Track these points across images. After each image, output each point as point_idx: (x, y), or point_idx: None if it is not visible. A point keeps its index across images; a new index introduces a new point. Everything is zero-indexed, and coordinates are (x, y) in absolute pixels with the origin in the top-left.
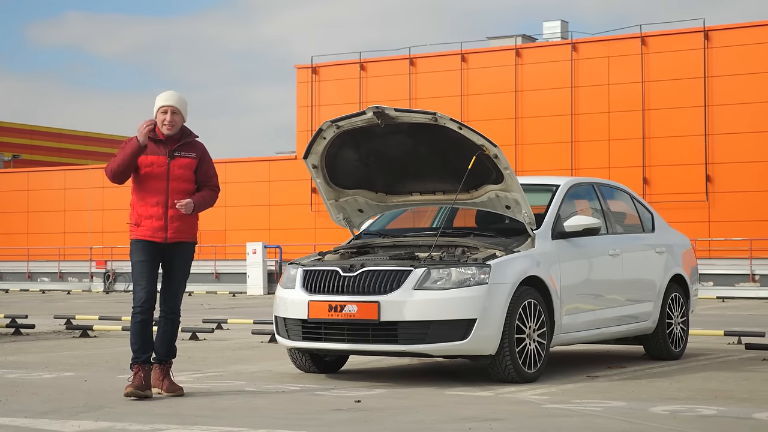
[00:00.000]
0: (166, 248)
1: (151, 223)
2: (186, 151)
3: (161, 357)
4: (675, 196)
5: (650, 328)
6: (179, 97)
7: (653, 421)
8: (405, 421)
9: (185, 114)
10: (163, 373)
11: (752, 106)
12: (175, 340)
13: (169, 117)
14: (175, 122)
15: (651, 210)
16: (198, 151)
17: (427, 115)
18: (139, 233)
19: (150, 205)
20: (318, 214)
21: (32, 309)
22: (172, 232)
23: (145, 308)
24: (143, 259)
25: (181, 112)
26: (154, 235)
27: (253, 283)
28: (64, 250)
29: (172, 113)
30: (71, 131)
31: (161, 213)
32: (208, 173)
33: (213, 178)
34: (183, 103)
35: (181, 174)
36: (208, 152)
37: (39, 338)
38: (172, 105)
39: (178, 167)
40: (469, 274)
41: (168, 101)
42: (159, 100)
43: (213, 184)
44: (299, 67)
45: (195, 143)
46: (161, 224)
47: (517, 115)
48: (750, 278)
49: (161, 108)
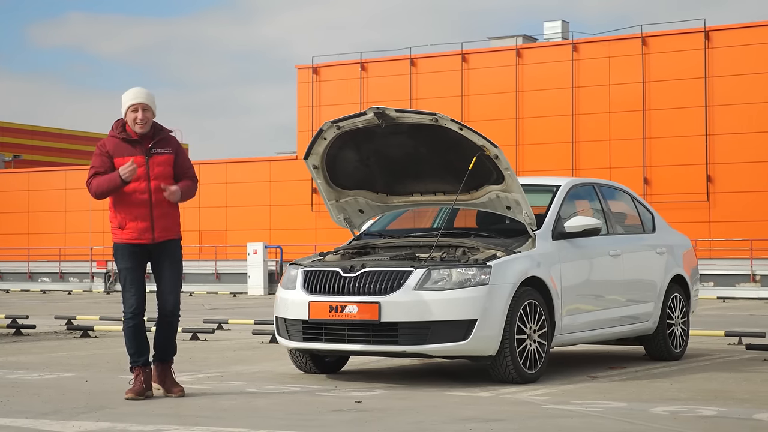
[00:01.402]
0: (153, 249)
1: (136, 224)
2: (162, 147)
3: (161, 356)
4: (675, 197)
5: (651, 328)
6: (147, 92)
7: (654, 421)
8: (405, 422)
9: (155, 109)
10: (164, 371)
11: (753, 106)
12: (175, 338)
13: (140, 114)
14: (147, 119)
15: (651, 210)
16: (173, 146)
17: (427, 116)
18: (125, 236)
19: (134, 206)
20: (319, 214)
21: (33, 309)
22: (159, 231)
23: (137, 314)
24: (130, 266)
25: (151, 107)
26: (141, 237)
27: (253, 283)
28: (64, 251)
29: (143, 110)
30: (72, 131)
31: (146, 213)
32: (184, 165)
33: (190, 170)
34: (152, 98)
35: (161, 171)
36: (180, 144)
37: (40, 339)
38: (142, 102)
39: (158, 165)
40: (470, 274)
41: (137, 98)
42: (127, 98)
43: (191, 175)
44: (300, 67)
45: (169, 138)
46: (147, 225)
47: (518, 115)
48: (751, 278)
49: (131, 106)
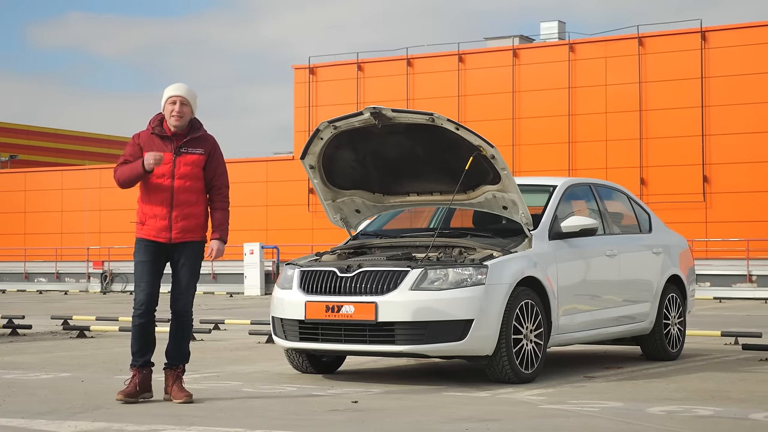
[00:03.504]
0: (171, 248)
1: (155, 222)
2: (193, 146)
3: (171, 361)
4: (672, 197)
5: (647, 328)
6: (188, 88)
7: (650, 421)
8: (402, 422)
9: (194, 107)
10: (172, 378)
11: (749, 106)
12: (188, 343)
13: (177, 108)
14: (183, 113)
15: (648, 210)
16: (207, 146)
17: (424, 116)
18: (144, 232)
19: (155, 203)
20: (315, 214)
21: (29, 309)
22: (176, 232)
23: (144, 311)
24: (145, 260)
25: (190, 103)
26: (159, 235)
27: (250, 283)
28: (61, 251)
29: (181, 104)
30: (68, 132)
31: (165, 212)
32: (217, 170)
33: (222, 177)
34: (192, 95)
35: (187, 172)
36: (219, 147)
37: (36, 339)
38: (181, 95)
39: (184, 164)
40: (466, 274)
41: (177, 92)
42: (167, 91)
43: (221, 185)
44: (296, 67)
45: (204, 138)
46: (165, 224)
47: (515, 115)
48: (747, 279)
49: (170, 99)
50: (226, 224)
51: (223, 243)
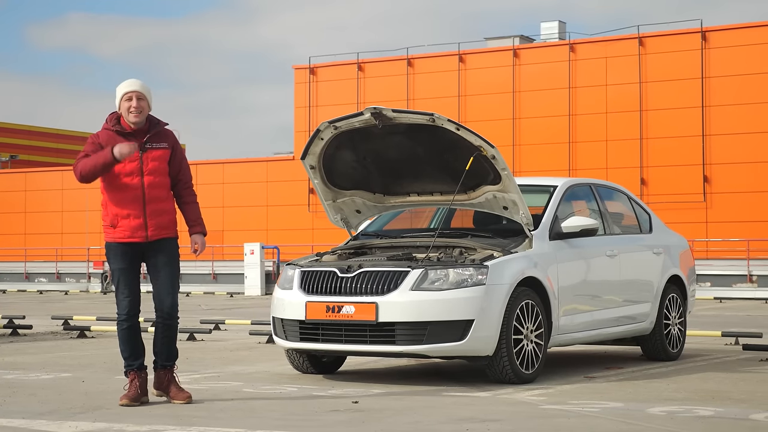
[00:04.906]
0: (147, 247)
1: (128, 222)
2: (157, 141)
3: (163, 362)
4: (672, 197)
5: (648, 328)
6: (142, 83)
7: (651, 422)
8: (402, 422)
9: (151, 101)
10: (167, 378)
11: (750, 106)
12: (175, 342)
13: (135, 103)
14: (141, 108)
15: (648, 211)
16: (170, 140)
17: (424, 116)
18: (117, 235)
19: (126, 203)
20: (316, 214)
21: (29, 309)
22: (153, 229)
23: (130, 315)
24: (123, 266)
25: (146, 97)
26: (134, 235)
27: (250, 283)
28: (61, 251)
29: (137, 99)
30: (69, 132)
31: (139, 211)
32: (182, 164)
33: (187, 170)
34: (147, 89)
35: (156, 167)
36: (177, 140)
37: (36, 339)
38: (137, 90)
39: (152, 160)
40: (467, 274)
41: (131, 87)
42: (121, 88)
43: (187, 179)
44: (297, 67)
45: (165, 132)
46: (140, 222)
47: (515, 115)
48: (747, 279)
49: (125, 95)
50: (201, 217)
51: (202, 236)
